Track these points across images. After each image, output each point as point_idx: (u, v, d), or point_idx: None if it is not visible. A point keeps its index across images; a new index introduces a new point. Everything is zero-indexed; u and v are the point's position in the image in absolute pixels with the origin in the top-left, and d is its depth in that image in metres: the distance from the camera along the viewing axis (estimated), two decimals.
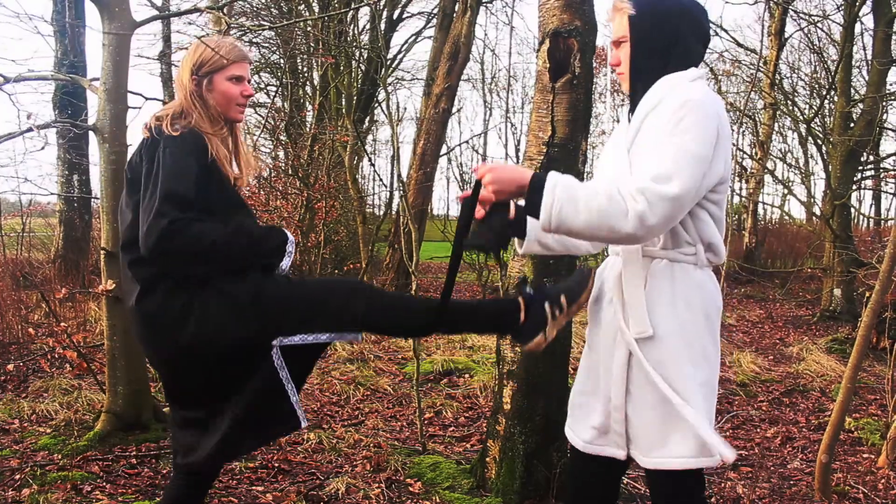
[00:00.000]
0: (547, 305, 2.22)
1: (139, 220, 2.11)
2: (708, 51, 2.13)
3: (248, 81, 2.43)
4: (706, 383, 1.95)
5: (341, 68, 11.27)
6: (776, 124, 16.08)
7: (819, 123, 12.29)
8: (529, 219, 2.09)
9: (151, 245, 2.06)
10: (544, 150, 3.25)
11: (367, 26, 15.54)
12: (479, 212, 2.05)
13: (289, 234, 2.33)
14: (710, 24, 2.05)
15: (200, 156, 2.19)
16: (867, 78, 10.40)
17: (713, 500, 3.58)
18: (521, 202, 2.00)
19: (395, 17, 17.15)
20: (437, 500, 3.41)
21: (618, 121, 24.91)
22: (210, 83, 2.34)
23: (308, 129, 10.70)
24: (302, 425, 2.30)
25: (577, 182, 1.88)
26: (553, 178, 1.87)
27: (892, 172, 11.61)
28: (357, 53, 13.40)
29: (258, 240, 2.26)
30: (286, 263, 2.29)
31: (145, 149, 2.21)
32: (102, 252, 4.01)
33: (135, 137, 4.01)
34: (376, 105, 15.51)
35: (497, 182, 1.92)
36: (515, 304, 2.29)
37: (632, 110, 2.04)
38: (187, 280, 2.17)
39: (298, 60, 13.70)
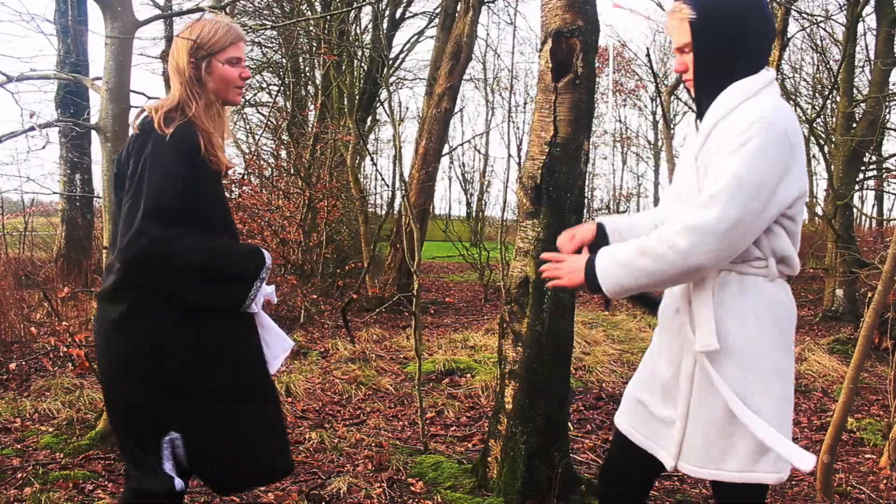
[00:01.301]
0: None
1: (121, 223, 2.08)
2: None
3: (245, 62, 2.34)
4: (781, 398, 1.92)
5: (343, 68, 11.28)
6: None
7: (821, 123, 12.27)
8: None
9: (129, 260, 2.03)
10: (546, 150, 3.25)
11: (369, 26, 15.54)
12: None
13: (267, 257, 2.26)
14: (773, 21, 2.00)
15: (192, 156, 2.12)
16: (870, 78, 10.39)
17: (712, 501, 3.57)
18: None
19: (397, 16, 17.14)
20: (439, 500, 3.41)
21: (620, 121, 24.94)
22: (209, 66, 2.25)
23: (310, 129, 10.70)
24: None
25: (624, 251, 1.94)
26: (599, 263, 1.97)
27: (895, 172, 11.58)
28: (359, 53, 13.40)
29: (236, 263, 2.19)
30: (255, 291, 2.19)
31: (135, 145, 2.15)
32: (104, 251, 4.01)
33: None
34: (378, 104, 15.50)
35: (566, 279, 2.06)
36: None
37: (699, 116, 2.01)
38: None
39: (300, 60, 13.70)
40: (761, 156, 1.78)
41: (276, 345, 2.38)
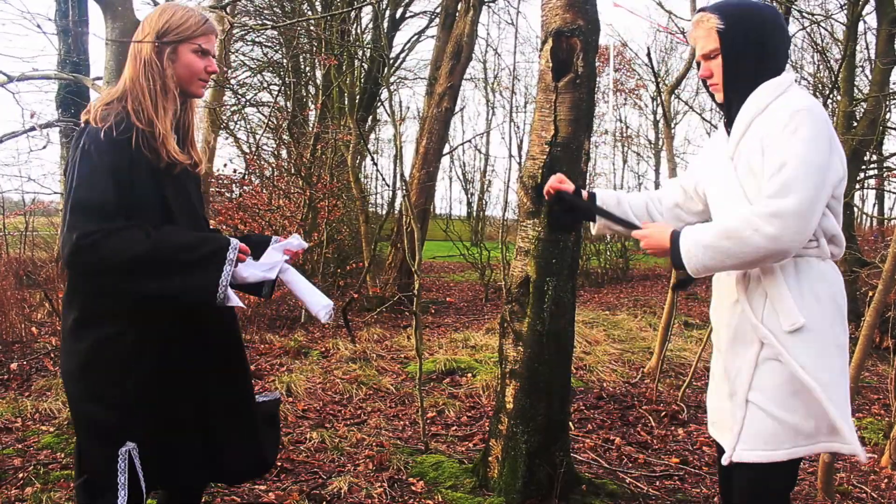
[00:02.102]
0: None
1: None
2: None
3: (214, 56, 2.25)
4: (843, 372, 2.04)
5: (344, 68, 11.28)
6: None
7: None
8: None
9: (65, 259, 1.99)
10: (547, 150, 3.25)
11: (370, 25, 15.54)
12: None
13: (232, 240, 2.13)
14: (787, 29, 2.20)
15: (122, 148, 2.03)
16: (870, 77, 10.38)
17: (714, 499, 3.58)
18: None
19: (397, 16, 17.14)
20: (440, 500, 3.41)
21: (621, 120, 24.90)
22: (174, 53, 2.16)
23: (311, 129, 10.71)
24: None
25: (706, 232, 2.03)
26: (683, 243, 2.06)
27: None
28: (360, 53, 13.40)
29: (187, 248, 2.06)
30: (226, 272, 2.08)
31: (74, 140, 2.10)
32: None
33: None
34: (379, 104, 15.50)
35: (650, 248, 2.19)
36: None
37: (728, 121, 2.14)
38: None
39: (301, 60, 13.70)
40: (814, 140, 1.92)
41: (314, 304, 2.31)
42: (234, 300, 2.13)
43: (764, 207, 1.93)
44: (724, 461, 2.12)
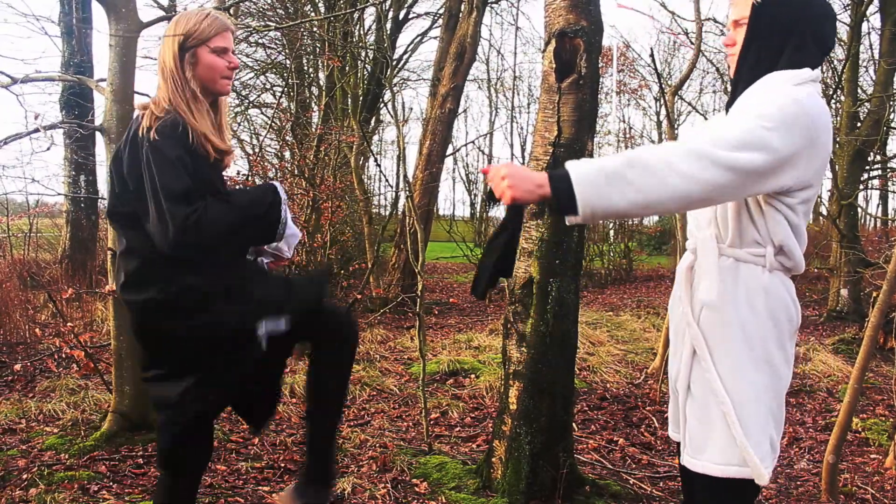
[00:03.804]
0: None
1: (144, 215, 2.17)
2: (713, 50, 2.12)
3: (233, 52, 2.39)
4: (769, 389, 1.89)
5: (347, 69, 11.28)
6: None
7: None
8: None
9: (173, 245, 2.12)
10: (550, 151, 3.25)
11: (373, 27, 15.54)
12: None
13: (276, 184, 2.37)
14: (833, 34, 1.96)
15: (183, 141, 2.20)
16: (874, 77, 10.36)
17: None
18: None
19: (400, 17, 17.14)
20: (443, 501, 3.41)
21: (624, 121, 24.88)
22: (193, 57, 2.29)
23: (314, 130, 10.70)
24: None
25: (605, 162, 1.76)
26: (576, 169, 1.76)
27: None
28: (363, 54, 13.41)
29: (258, 202, 2.31)
30: (285, 212, 2.34)
31: (129, 144, 2.23)
32: (109, 252, 4.02)
33: None
34: (382, 105, 15.50)
35: (514, 178, 1.79)
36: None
37: (730, 101, 1.99)
38: (175, 272, 2.22)
39: (304, 61, 13.70)
40: (780, 119, 1.75)
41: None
42: (294, 230, 2.44)
43: (687, 144, 1.76)
44: (682, 461, 2.02)
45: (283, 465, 3.82)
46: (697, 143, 1.76)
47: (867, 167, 10.15)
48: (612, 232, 14.48)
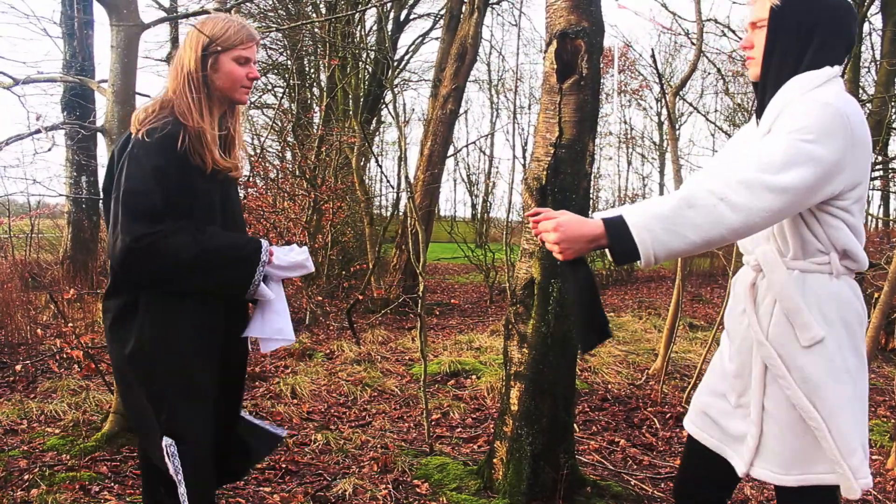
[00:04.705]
0: None
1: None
2: (715, 51, 2.11)
3: (255, 63, 2.36)
4: (854, 397, 1.87)
5: (348, 70, 11.28)
6: None
7: None
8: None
9: (118, 262, 2.08)
10: (552, 152, 3.25)
11: (374, 28, 15.56)
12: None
13: (263, 242, 2.29)
14: (854, 29, 1.95)
15: (169, 150, 2.13)
16: (875, 78, 10.36)
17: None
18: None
19: (401, 18, 17.16)
20: (444, 501, 3.41)
21: (625, 122, 24.88)
22: (216, 63, 2.26)
23: (315, 131, 10.71)
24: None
25: (658, 206, 1.77)
26: (632, 217, 1.77)
27: None
28: (364, 55, 13.41)
29: (233, 249, 2.23)
30: (259, 274, 2.25)
31: (120, 145, 2.21)
32: None
33: None
34: (383, 106, 15.52)
35: (566, 241, 1.81)
36: None
37: (759, 106, 1.97)
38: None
39: (305, 62, 13.71)
40: (819, 130, 1.75)
41: (271, 325, 2.40)
42: (267, 293, 2.32)
43: (736, 174, 1.76)
44: (740, 473, 1.99)
45: (284, 465, 3.82)
46: (744, 171, 1.76)
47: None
48: None
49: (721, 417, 2.07)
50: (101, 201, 2.41)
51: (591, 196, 3.52)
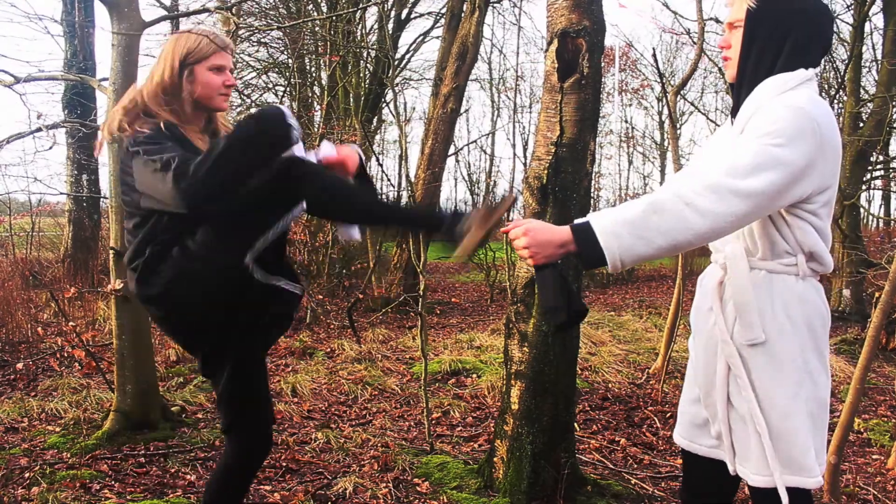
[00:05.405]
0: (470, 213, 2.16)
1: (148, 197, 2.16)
2: (716, 50, 2.09)
3: (231, 71, 2.40)
4: (813, 399, 1.88)
5: (349, 68, 11.28)
6: None
7: None
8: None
9: (178, 196, 2.03)
10: (553, 150, 3.25)
11: (375, 26, 15.54)
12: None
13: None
14: (830, 32, 1.96)
15: (174, 136, 2.21)
16: (877, 77, 10.36)
17: None
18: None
19: (402, 16, 17.14)
20: (445, 500, 3.41)
21: (626, 121, 24.90)
22: (191, 74, 2.31)
23: (316, 129, 10.72)
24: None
25: (625, 212, 1.79)
26: (599, 223, 1.79)
27: None
28: (365, 53, 13.41)
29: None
30: (296, 135, 2.11)
31: (123, 154, 2.26)
32: (111, 251, 4.03)
33: None
34: (384, 105, 15.51)
35: (535, 246, 1.84)
36: (443, 215, 2.24)
37: (735, 107, 1.98)
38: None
39: (306, 60, 13.71)
40: (789, 133, 1.75)
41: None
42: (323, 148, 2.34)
43: (704, 179, 1.76)
44: (731, 471, 1.99)
45: (284, 463, 3.82)
46: (712, 176, 1.77)
47: (870, 167, 10.14)
48: None
49: (705, 422, 2.07)
50: (102, 200, 2.43)
51: (591, 195, 3.52)
